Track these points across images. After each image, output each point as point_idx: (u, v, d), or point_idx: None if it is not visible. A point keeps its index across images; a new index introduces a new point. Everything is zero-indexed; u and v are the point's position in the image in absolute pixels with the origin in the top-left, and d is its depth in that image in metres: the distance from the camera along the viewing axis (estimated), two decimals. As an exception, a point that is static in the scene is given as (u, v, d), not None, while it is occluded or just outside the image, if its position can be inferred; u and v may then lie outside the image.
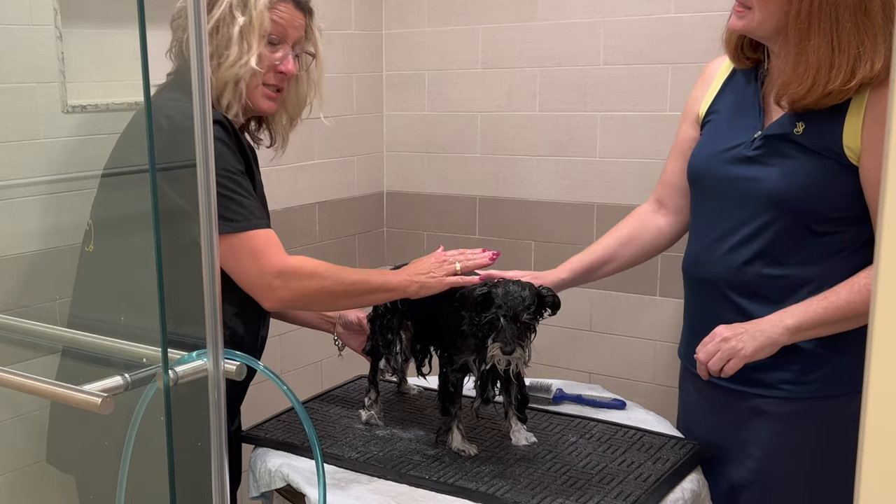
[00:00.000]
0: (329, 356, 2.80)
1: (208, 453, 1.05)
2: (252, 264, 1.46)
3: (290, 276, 1.47)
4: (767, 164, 1.51)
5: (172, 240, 1.08)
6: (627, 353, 2.51)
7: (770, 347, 1.47)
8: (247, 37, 1.52)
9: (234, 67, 1.52)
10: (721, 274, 1.58)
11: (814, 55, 1.40)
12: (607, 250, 1.79)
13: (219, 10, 1.52)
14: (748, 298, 1.53)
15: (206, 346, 1.02)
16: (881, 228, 0.58)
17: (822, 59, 1.40)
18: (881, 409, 0.60)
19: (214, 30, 1.52)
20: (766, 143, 1.51)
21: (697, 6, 2.32)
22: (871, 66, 1.38)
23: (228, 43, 1.52)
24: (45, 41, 1.88)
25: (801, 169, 1.47)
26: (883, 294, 0.59)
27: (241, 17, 1.51)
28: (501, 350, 1.47)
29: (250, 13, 1.52)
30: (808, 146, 1.46)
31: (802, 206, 1.47)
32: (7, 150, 1.85)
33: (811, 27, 1.40)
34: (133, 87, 2.08)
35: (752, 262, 1.52)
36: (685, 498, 1.47)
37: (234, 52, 1.52)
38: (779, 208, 1.49)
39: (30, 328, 1.49)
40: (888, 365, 0.60)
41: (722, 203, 1.58)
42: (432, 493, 1.45)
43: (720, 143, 1.59)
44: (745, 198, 1.54)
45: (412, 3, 2.78)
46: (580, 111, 2.54)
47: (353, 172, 2.81)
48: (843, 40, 1.39)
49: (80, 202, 1.95)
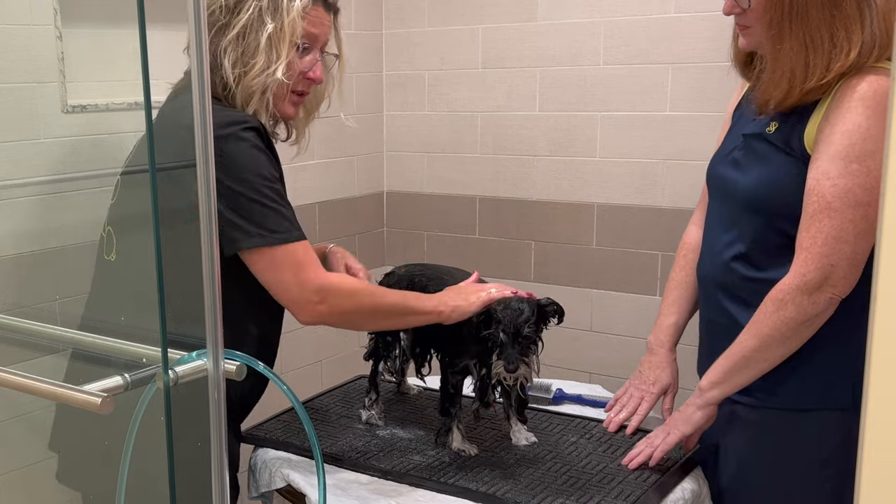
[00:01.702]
0: (329, 356, 2.80)
1: (208, 453, 1.05)
2: (292, 278, 1.42)
3: (328, 293, 1.44)
4: (745, 166, 1.50)
5: (181, 239, 1.08)
6: (627, 353, 2.51)
7: (696, 412, 1.52)
8: (276, 45, 1.44)
9: (261, 77, 1.44)
10: (711, 275, 1.58)
11: (787, 59, 1.39)
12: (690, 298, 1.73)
13: (247, 13, 1.43)
14: (733, 301, 1.53)
15: (206, 346, 1.02)
16: (881, 228, 0.58)
17: (796, 61, 1.39)
18: (881, 414, 0.60)
19: (241, 35, 1.44)
20: (745, 144, 1.51)
21: (697, 6, 2.32)
22: (847, 56, 1.36)
23: (256, 51, 1.44)
24: (45, 41, 1.88)
25: (770, 169, 1.46)
26: (883, 294, 0.59)
27: (271, 23, 1.43)
28: (505, 368, 1.47)
29: (282, 19, 1.44)
30: (779, 145, 1.45)
31: (772, 208, 1.46)
32: (7, 150, 1.85)
33: (782, 31, 1.39)
34: (133, 87, 2.08)
35: (734, 265, 1.52)
36: (685, 498, 1.47)
37: (262, 61, 1.44)
38: (752, 210, 1.48)
39: (30, 328, 1.49)
40: (888, 368, 0.60)
41: (717, 205, 1.59)
42: (432, 493, 1.45)
43: (724, 147, 1.60)
44: (729, 200, 1.54)
45: (412, 3, 2.78)
46: (580, 111, 2.54)
47: (353, 172, 2.81)
48: (816, 38, 1.37)
49: (80, 202, 1.95)
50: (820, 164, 1.38)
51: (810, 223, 1.39)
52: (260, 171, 1.39)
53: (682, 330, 1.72)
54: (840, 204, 1.36)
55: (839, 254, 1.37)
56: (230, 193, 1.36)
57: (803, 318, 1.41)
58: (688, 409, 1.53)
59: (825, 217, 1.37)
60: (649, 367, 1.70)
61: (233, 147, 1.38)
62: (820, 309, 1.40)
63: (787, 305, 1.41)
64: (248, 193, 1.37)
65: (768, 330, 1.43)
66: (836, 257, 1.37)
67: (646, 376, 1.69)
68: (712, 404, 1.51)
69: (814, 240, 1.38)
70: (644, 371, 1.70)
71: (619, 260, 2.53)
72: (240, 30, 1.43)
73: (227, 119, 1.39)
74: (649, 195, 2.45)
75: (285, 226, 1.41)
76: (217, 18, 1.44)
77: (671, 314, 1.71)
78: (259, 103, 1.47)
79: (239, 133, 1.39)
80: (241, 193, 1.37)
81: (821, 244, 1.38)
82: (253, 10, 1.43)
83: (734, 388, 1.50)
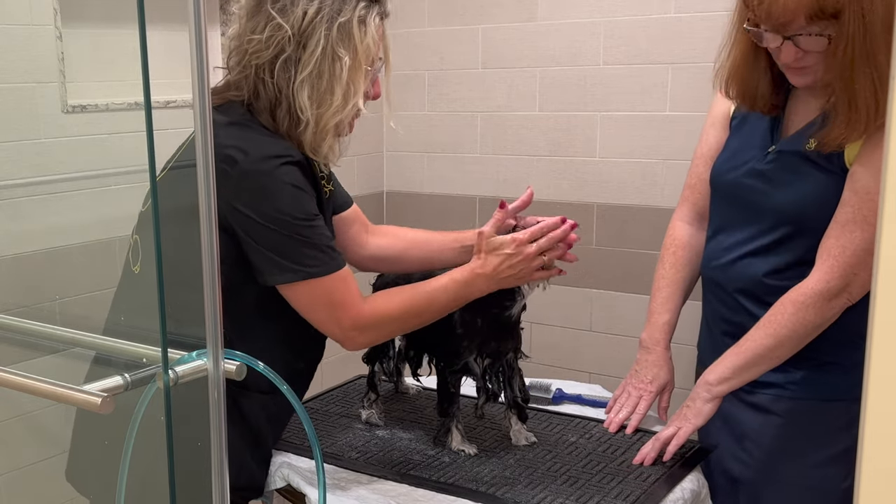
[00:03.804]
0: (329, 356, 2.79)
1: (208, 453, 1.05)
2: (328, 316, 1.40)
3: (366, 327, 1.42)
4: (779, 180, 1.51)
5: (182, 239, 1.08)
6: (627, 353, 2.51)
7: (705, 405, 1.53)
8: (353, 79, 1.37)
9: (340, 113, 1.38)
10: (729, 278, 1.59)
11: (861, 101, 1.38)
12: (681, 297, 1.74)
13: (318, 46, 1.35)
14: (759, 305, 1.54)
15: (206, 346, 1.02)
16: (881, 228, 0.58)
17: (869, 103, 1.37)
18: (881, 411, 0.60)
19: (316, 74, 1.35)
20: (778, 158, 1.51)
21: (697, 6, 2.32)
22: None
23: (332, 88, 1.36)
24: (45, 41, 1.88)
25: (810, 185, 1.47)
26: (883, 294, 0.59)
27: (346, 55, 1.35)
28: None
29: (354, 49, 1.36)
30: (819, 162, 1.46)
31: (810, 224, 1.47)
32: (7, 150, 1.85)
33: (854, 73, 1.37)
34: (133, 87, 2.08)
35: (767, 280, 1.53)
36: (685, 498, 1.47)
37: (339, 97, 1.37)
38: (789, 225, 1.50)
39: (30, 328, 1.49)
40: (888, 366, 0.60)
41: (736, 212, 1.59)
42: (432, 492, 1.45)
43: (735, 154, 1.60)
44: (756, 212, 1.54)
45: (412, 3, 2.78)
46: (580, 111, 2.54)
47: (353, 172, 2.81)
48: (884, 74, 1.36)
49: (80, 202, 1.95)
50: (859, 177, 1.40)
51: (841, 232, 1.41)
52: (295, 210, 1.35)
53: (675, 327, 1.73)
54: (876, 219, 1.36)
55: (864, 264, 1.40)
56: (263, 230, 1.33)
57: (821, 321, 1.45)
58: (696, 402, 1.54)
59: (858, 229, 1.40)
60: (646, 365, 1.70)
61: (270, 184, 1.33)
62: (835, 313, 1.45)
63: (807, 309, 1.44)
64: (282, 231, 1.34)
65: (786, 331, 1.45)
66: (861, 268, 1.40)
67: (643, 375, 1.70)
68: (719, 398, 1.53)
69: (843, 249, 1.41)
70: (641, 370, 1.70)
71: (619, 260, 2.53)
72: (314, 66, 1.35)
73: (268, 152, 1.34)
74: (649, 195, 2.46)
75: (320, 259, 1.37)
76: (282, 49, 1.36)
77: (665, 312, 1.71)
78: (333, 139, 1.41)
79: (278, 169, 1.34)
80: (274, 230, 1.34)
81: (850, 254, 1.41)
82: (322, 43, 1.35)
83: (742, 384, 1.52)
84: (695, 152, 1.74)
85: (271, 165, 1.34)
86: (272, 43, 1.36)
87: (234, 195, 1.32)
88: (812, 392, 1.53)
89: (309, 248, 1.36)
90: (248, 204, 1.33)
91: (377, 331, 1.46)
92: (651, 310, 1.74)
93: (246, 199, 1.33)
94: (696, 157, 1.74)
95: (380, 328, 1.45)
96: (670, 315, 1.71)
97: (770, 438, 1.56)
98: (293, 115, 1.38)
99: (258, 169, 1.33)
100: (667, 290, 1.73)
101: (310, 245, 1.36)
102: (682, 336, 1.76)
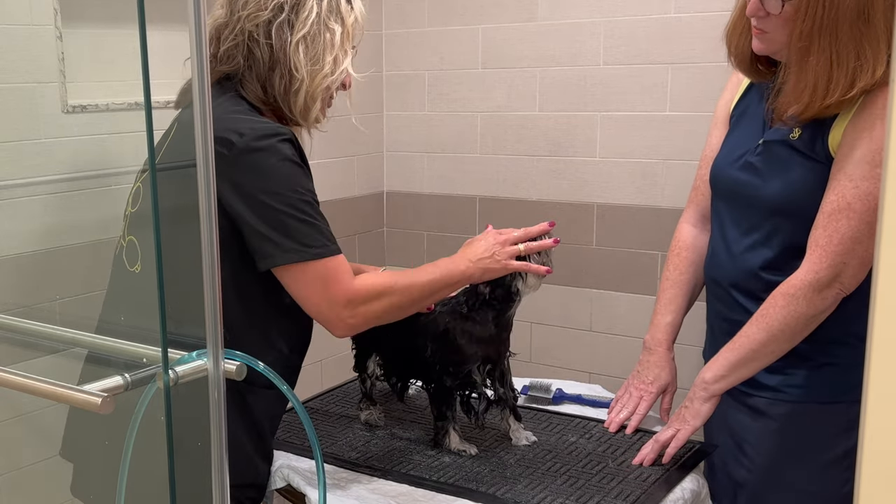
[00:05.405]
0: (329, 356, 2.79)
1: (208, 453, 1.05)
2: (322, 294, 1.39)
3: (357, 303, 1.41)
4: (767, 172, 1.51)
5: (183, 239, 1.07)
6: (627, 353, 2.51)
7: (703, 405, 1.53)
8: (342, 48, 1.45)
9: (329, 77, 1.45)
10: (731, 278, 1.59)
11: (811, 73, 1.39)
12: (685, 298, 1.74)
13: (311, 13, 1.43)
14: (758, 303, 1.54)
15: (206, 346, 1.02)
16: (881, 228, 0.58)
17: (819, 77, 1.38)
18: (881, 412, 0.60)
19: (310, 37, 1.43)
20: (765, 150, 1.52)
21: (697, 6, 2.32)
22: (873, 73, 1.36)
23: (325, 52, 1.43)
24: (45, 41, 1.88)
25: (796, 175, 1.47)
26: (883, 294, 0.59)
27: (336, 27, 1.44)
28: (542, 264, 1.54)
29: (343, 22, 1.45)
30: (804, 151, 1.46)
31: (802, 213, 1.46)
32: (7, 150, 1.85)
33: (811, 45, 1.38)
34: (133, 87, 2.08)
35: (764, 274, 1.53)
36: (685, 498, 1.47)
37: (330, 61, 1.44)
38: (781, 216, 1.49)
39: (30, 328, 1.49)
40: (888, 367, 0.60)
41: (732, 208, 1.59)
42: (432, 492, 1.45)
43: (733, 149, 1.60)
44: (749, 205, 1.54)
45: (412, 3, 2.78)
46: (580, 111, 2.54)
47: (353, 172, 2.81)
48: (842, 54, 1.36)
49: (80, 202, 1.95)
50: (843, 165, 1.40)
51: (827, 222, 1.41)
52: (296, 185, 1.36)
53: (678, 329, 1.72)
54: (860, 206, 1.37)
55: (852, 253, 1.40)
56: (265, 208, 1.33)
57: (813, 313, 1.44)
58: (694, 402, 1.54)
59: (843, 217, 1.39)
60: (647, 366, 1.70)
61: (269, 160, 1.34)
62: (828, 304, 1.44)
63: (798, 301, 1.43)
64: (283, 208, 1.34)
65: (778, 325, 1.45)
66: (850, 256, 1.40)
67: (644, 375, 1.70)
68: (717, 396, 1.53)
69: (830, 238, 1.40)
70: (642, 370, 1.70)
71: (619, 260, 2.53)
72: (308, 29, 1.42)
73: (263, 130, 1.36)
74: (649, 195, 2.46)
75: (321, 241, 1.38)
76: (279, 10, 1.41)
77: (668, 313, 1.71)
78: (321, 105, 1.47)
79: (276, 145, 1.35)
80: (277, 208, 1.34)
81: (836, 243, 1.40)
82: (317, 9, 1.43)
83: (738, 381, 1.52)
84: (701, 154, 1.75)
85: (269, 143, 1.35)
86: (268, 5, 1.41)
87: (233, 176, 1.32)
88: (810, 395, 1.52)
89: (309, 228, 1.37)
90: (250, 182, 1.33)
91: (365, 308, 1.42)
92: (655, 311, 1.74)
93: (247, 177, 1.33)
94: (700, 159, 1.75)
95: (367, 304, 1.42)
96: (673, 316, 1.71)
97: (770, 442, 1.56)
98: (288, 74, 1.42)
99: (257, 146, 1.33)
100: (670, 292, 1.73)
101: (309, 224, 1.37)
102: (686, 337, 1.76)
